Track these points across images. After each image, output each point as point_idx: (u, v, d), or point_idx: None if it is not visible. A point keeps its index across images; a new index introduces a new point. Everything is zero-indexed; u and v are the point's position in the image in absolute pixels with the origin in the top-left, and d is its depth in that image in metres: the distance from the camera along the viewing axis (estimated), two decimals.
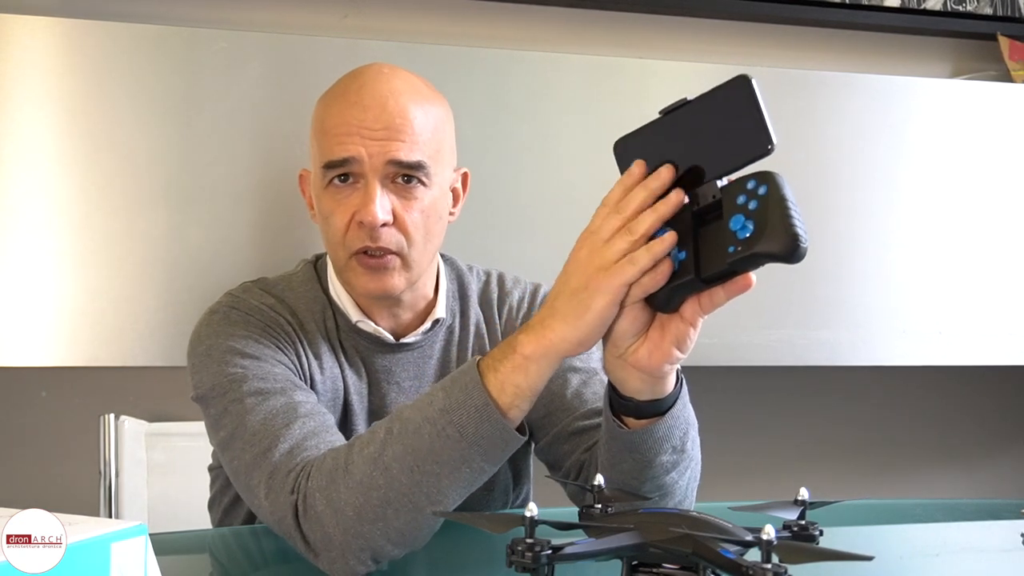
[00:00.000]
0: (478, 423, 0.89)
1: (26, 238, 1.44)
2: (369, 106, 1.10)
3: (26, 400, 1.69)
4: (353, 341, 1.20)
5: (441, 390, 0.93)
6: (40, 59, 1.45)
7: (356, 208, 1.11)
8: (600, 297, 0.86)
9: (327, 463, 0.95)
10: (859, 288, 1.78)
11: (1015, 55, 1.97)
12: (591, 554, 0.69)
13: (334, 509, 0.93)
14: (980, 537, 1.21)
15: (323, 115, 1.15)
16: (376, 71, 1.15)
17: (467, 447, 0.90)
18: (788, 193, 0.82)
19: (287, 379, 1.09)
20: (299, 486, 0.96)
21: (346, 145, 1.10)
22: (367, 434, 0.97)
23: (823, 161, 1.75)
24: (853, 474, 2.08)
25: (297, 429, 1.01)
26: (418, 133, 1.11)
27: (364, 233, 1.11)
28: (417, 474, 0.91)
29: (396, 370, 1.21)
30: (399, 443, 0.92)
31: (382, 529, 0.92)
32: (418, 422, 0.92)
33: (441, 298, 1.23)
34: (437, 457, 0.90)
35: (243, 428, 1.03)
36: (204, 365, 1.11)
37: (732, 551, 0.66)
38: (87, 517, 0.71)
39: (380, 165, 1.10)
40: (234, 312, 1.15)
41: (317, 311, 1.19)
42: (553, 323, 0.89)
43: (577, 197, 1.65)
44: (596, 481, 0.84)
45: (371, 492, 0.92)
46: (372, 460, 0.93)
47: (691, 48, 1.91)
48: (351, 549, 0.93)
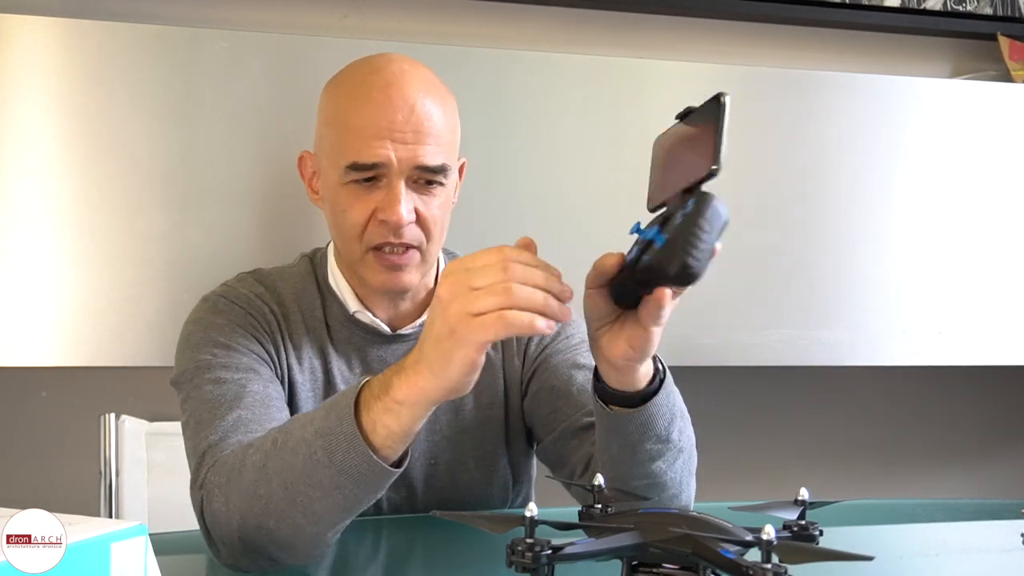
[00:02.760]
0: (347, 452, 0.87)
1: (26, 238, 1.44)
2: (399, 107, 1.10)
3: (26, 400, 1.69)
4: (347, 332, 1.20)
5: (322, 410, 0.91)
6: (40, 59, 1.45)
7: (377, 205, 1.12)
8: (462, 349, 0.82)
9: (228, 461, 0.96)
10: (859, 288, 1.78)
11: (1015, 55, 1.97)
12: (591, 554, 0.69)
13: (228, 509, 0.93)
14: (980, 537, 1.21)
15: (346, 110, 1.13)
16: (398, 68, 1.14)
17: (336, 474, 0.87)
18: (706, 218, 0.78)
19: (249, 367, 1.09)
20: (206, 480, 0.97)
21: (376, 149, 1.10)
22: (259, 439, 0.96)
23: (823, 161, 1.75)
24: (853, 474, 2.08)
25: (231, 420, 1.02)
26: (442, 135, 1.13)
27: (386, 230, 1.12)
28: (292, 491, 0.89)
29: (391, 361, 1.20)
30: (279, 457, 0.91)
31: (267, 536, 0.92)
32: (296, 439, 0.90)
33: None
34: (310, 479, 0.88)
35: (192, 415, 1.06)
36: (182, 351, 1.14)
37: (732, 551, 0.66)
38: (87, 517, 0.71)
39: (408, 169, 1.11)
40: (221, 300, 1.17)
41: (306, 302, 1.20)
42: (422, 369, 0.85)
43: (576, 196, 1.66)
44: (596, 481, 0.84)
45: (254, 501, 0.91)
46: (258, 469, 0.92)
47: (691, 48, 1.91)
48: (244, 550, 0.93)
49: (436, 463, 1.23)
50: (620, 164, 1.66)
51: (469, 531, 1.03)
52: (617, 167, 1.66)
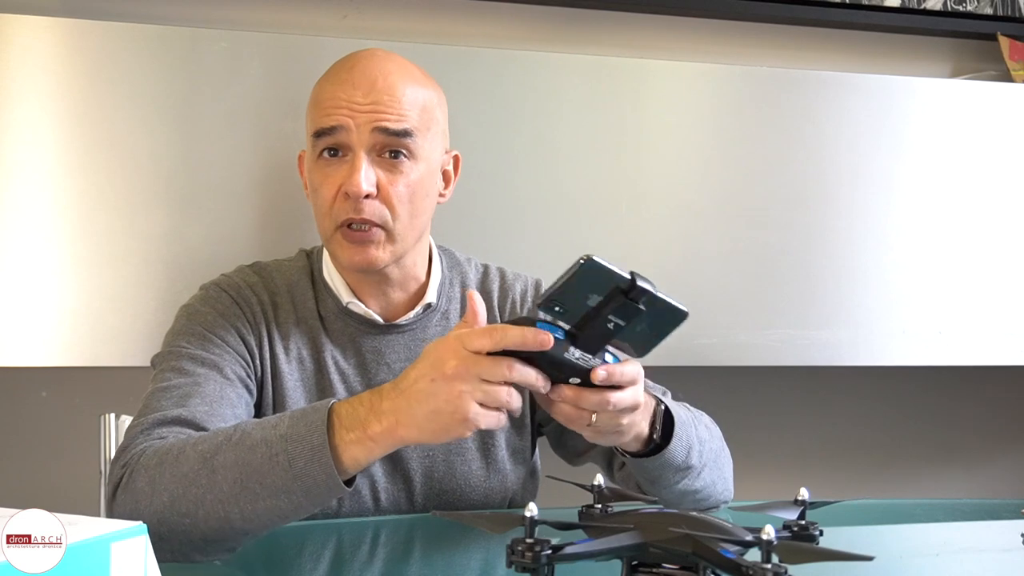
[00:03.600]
0: (308, 461, 0.90)
1: (26, 238, 1.44)
2: (359, 83, 1.15)
3: (26, 400, 1.69)
4: (341, 323, 1.22)
5: (289, 418, 0.95)
6: (40, 59, 1.45)
7: (343, 180, 1.14)
8: (461, 428, 0.90)
9: (164, 447, 0.97)
10: (859, 288, 1.78)
11: (1015, 55, 1.97)
12: (591, 554, 0.69)
13: (152, 489, 0.94)
14: (980, 537, 1.21)
15: (316, 92, 1.20)
16: (370, 53, 1.20)
17: (292, 479, 0.91)
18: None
19: (214, 364, 1.12)
20: (131, 460, 0.98)
21: (334, 115, 1.14)
22: (210, 433, 0.98)
23: (823, 161, 1.75)
24: (853, 474, 2.08)
25: (172, 414, 1.04)
26: (406, 107, 1.15)
27: (349, 205, 1.14)
28: (238, 487, 0.92)
29: (386, 351, 1.23)
30: (233, 452, 0.93)
31: (189, 526, 0.93)
32: (257, 439, 0.93)
33: (433, 283, 1.25)
34: (262, 479, 0.91)
35: (148, 396, 1.09)
36: (167, 334, 1.18)
37: (732, 551, 0.66)
38: (87, 517, 0.71)
39: (367, 135, 1.13)
40: (213, 288, 1.21)
41: (299, 293, 1.22)
42: (408, 423, 0.91)
43: (576, 196, 1.66)
44: (596, 481, 0.84)
45: (190, 488, 0.93)
46: (203, 458, 0.94)
47: (691, 48, 1.91)
48: (157, 534, 0.93)
49: (434, 454, 1.23)
50: (620, 164, 1.66)
51: (469, 531, 1.03)
52: (617, 167, 1.66)
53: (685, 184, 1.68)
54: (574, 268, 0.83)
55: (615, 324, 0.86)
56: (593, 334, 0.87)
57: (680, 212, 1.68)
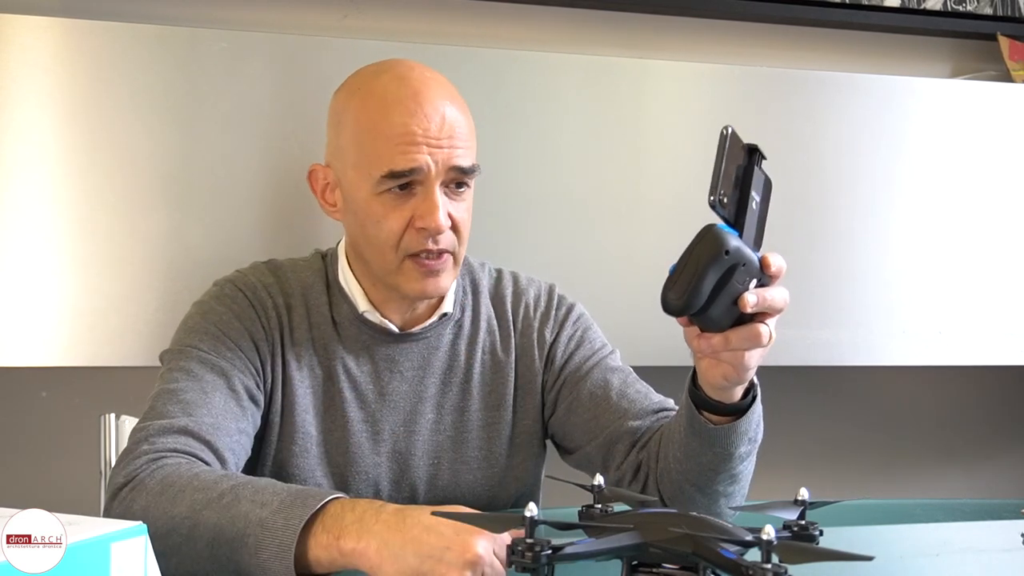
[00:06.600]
0: (272, 556, 0.89)
1: (26, 238, 1.44)
2: (431, 115, 1.12)
3: (26, 400, 1.69)
4: (356, 330, 1.21)
5: (281, 501, 0.92)
6: (40, 59, 1.45)
7: (414, 213, 1.13)
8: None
9: (171, 476, 0.97)
10: (859, 288, 1.78)
11: (1015, 55, 1.97)
12: (591, 554, 0.69)
13: (145, 517, 0.91)
14: (980, 537, 1.21)
15: (375, 120, 1.13)
16: (421, 75, 1.16)
17: (254, 565, 0.90)
18: (691, 252, 0.86)
19: (223, 372, 1.11)
20: (137, 472, 0.98)
21: (414, 156, 1.11)
22: (212, 479, 0.96)
23: (823, 161, 1.75)
24: (853, 474, 2.08)
25: (179, 423, 1.04)
26: (468, 138, 1.16)
27: (423, 237, 1.13)
28: (209, 550, 0.92)
29: (400, 359, 1.22)
30: (217, 514, 0.92)
31: (164, 562, 0.91)
32: (242, 511, 0.92)
33: (450, 292, 1.24)
34: (231, 552, 0.91)
35: (157, 393, 1.08)
36: (179, 328, 1.17)
37: (732, 551, 0.66)
38: (87, 517, 0.71)
39: (443, 173, 1.13)
40: (228, 286, 1.20)
41: (313, 297, 1.22)
42: (384, 554, 0.86)
43: (576, 196, 1.66)
44: (596, 481, 0.84)
45: (171, 534, 0.93)
46: (192, 508, 0.93)
47: (691, 48, 1.91)
48: None
49: (439, 463, 1.23)
50: (620, 164, 1.66)
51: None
52: (617, 167, 1.66)
53: (685, 184, 1.68)
54: (724, 141, 0.83)
55: (755, 202, 0.86)
56: (750, 221, 0.87)
57: (680, 212, 1.68)
